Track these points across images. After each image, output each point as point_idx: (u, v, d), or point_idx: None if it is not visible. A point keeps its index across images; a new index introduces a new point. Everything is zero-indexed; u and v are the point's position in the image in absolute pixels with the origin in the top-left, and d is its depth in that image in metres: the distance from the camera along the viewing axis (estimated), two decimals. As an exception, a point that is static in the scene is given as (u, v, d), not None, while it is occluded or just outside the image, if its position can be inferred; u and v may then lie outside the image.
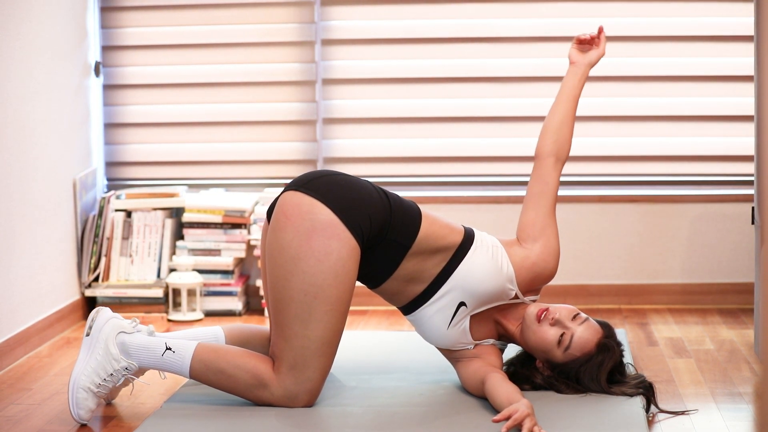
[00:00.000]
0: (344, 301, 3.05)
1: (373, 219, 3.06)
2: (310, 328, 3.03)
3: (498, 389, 3.04)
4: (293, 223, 3.01)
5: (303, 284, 3.01)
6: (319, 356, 3.05)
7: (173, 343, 3.13)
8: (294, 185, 3.08)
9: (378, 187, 3.16)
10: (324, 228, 3.00)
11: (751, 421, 3.12)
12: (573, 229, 4.75)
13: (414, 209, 3.17)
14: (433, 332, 3.23)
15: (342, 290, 3.03)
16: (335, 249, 3.00)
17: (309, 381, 3.08)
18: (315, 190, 3.04)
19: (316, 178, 3.09)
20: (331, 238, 3.00)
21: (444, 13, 4.76)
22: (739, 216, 4.69)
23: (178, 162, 4.92)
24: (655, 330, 4.29)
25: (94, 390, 3.10)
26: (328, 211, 3.01)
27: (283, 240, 3.02)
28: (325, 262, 3.00)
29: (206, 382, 3.14)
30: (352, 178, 3.15)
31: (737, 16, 4.66)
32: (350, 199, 3.05)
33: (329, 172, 3.16)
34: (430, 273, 3.17)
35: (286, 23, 4.82)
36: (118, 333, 3.12)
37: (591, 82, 4.74)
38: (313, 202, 3.02)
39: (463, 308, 3.18)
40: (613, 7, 4.71)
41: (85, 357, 3.12)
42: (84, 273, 4.60)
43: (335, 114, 4.84)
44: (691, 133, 4.74)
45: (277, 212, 3.06)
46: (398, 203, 3.15)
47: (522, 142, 4.78)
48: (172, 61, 4.87)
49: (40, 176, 4.24)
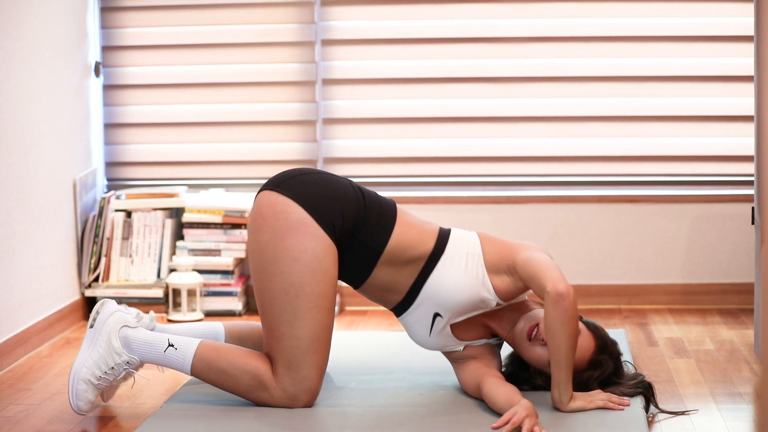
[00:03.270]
0: (326, 297, 3.05)
1: (346, 216, 3.06)
2: (296, 327, 3.04)
3: (496, 393, 3.04)
4: (269, 223, 3.04)
5: (282, 284, 3.03)
6: (311, 354, 3.06)
7: (176, 340, 3.14)
8: (269, 185, 3.10)
9: (356, 186, 3.16)
10: (297, 227, 3.02)
11: (751, 421, 3.12)
12: (573, 229, 4.75)
13: (390, 210, 3.14)
14: (419, 338, 3.24)
15: (322, 287, 3.04)
16: (309, 247, 3.02)
17: (306, 380, 3.08)
18: (289, 189, 3.06)
19: (291, 177, 3.11)
20: (305, 237, 3.02)
21: (444, 14, 4.76)
22: (739, 216, 4.69)
23: (178, 162, 4.92)
24: (655, 330, 4.29)
25: (94, 382, 3.11)
26: (300, 209, 3.03)
27: (261, 241, 3.05)
28: (300, 260, 3.01)
29: (207, 381, 3.15)
30: (328, 176, 3.15)
31: (737, 16, 4.66)
32: (323, 197, 3.06)
33: (305, 170, 3.16)
34: (403, 284, 3.16)
35: (286, 23, 4.82)
36: (121, 327, 3.13)
37: (591, 82, 4.75)
38: (287, 201, 3.04)
39: (439, 318, 3.17)
40: (613, 7, 4.71)
41: (87, 349, 3.13)
42: (84, 273, 4.60)
43: (335, 114, 4.84)
44: (691, 133, 4.74)
45: (254, 213, 3.09)
46: (374, 202, 3.14)
47: (522, 142, 4.78)
48: (172, 61, 4.87)
49: (40, 176, 4.24)
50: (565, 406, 3.03)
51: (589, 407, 3.05)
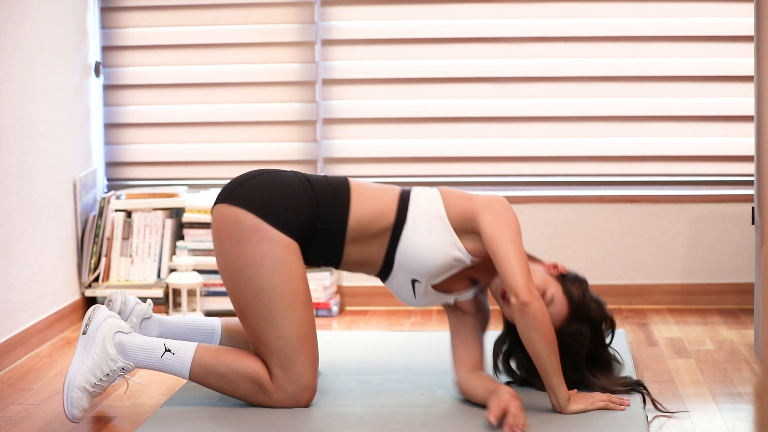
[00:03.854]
0: (299, 292, 3.08)
1: (297, 211, 3.08)
2: (279, 327, 3.07)
3: (474, 386, 3.11)
4: (225, 235, 3.08)
5: (253, 291, 3.06)
6: (300, 350, 3.08)
7: (172, 345, 3.13)
8: (219, 197, 3.13)
9: (303, 177, 3.16)
10: (252, 233, 3.05)
11: (751, 421, 3.12)
12: (573, 229, 4.75)
13: (342, 190, 3.14)
14: (408, 301, 3.26)
15: (292, 284, 3.07)
16: (269, 250, 3.04)
17: (302, 376, 3.09)
18: (237, 199, 3.08)
19: (238, 185, 3.13)
20: (262, 241, 3.05)
21: (444, 14, 4.76)
22: (739, 216, 4.69)
23: (178, 162, 4.92)
24: (655, 330, 4.29)
25: (89, 389, 3.09)
26: (251, 216, 3.06)
27: (223, 254, 3.09)
28: (263, 265, 3.04)
29: (206, 386, 3.15)
30: (273, 175, 3.16)
31: (737, 16, 4.66)
32: (271, 199, 3.08)
33: (250, 175, 3.17)
34: (377, 256, 3.17)
35: (286, 23, 4.82)
36: (115, 333, 3.12)
37: (591, 82, 4.75)
38: (237, 211, 3.07)
39: (417, 284, 3.19)
40: (613, 7, 4.71)
41: (81, 356, 3.11)
42: (84, 273, 4.60)
43: (335, 114, 4.84)
44: (691, 133, 4.74)
45: (212, 229, 3.14)
46: (324, 189, 3.13)
47: (522, 142, 4.78)
48: (172, 61, 4.87)
49: (40, 176, 4.24)
50: (565, 409, 3.04)
51: (590, 408, 3.06)
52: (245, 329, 3.14)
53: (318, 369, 3.19)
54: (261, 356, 3.12)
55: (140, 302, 3.34)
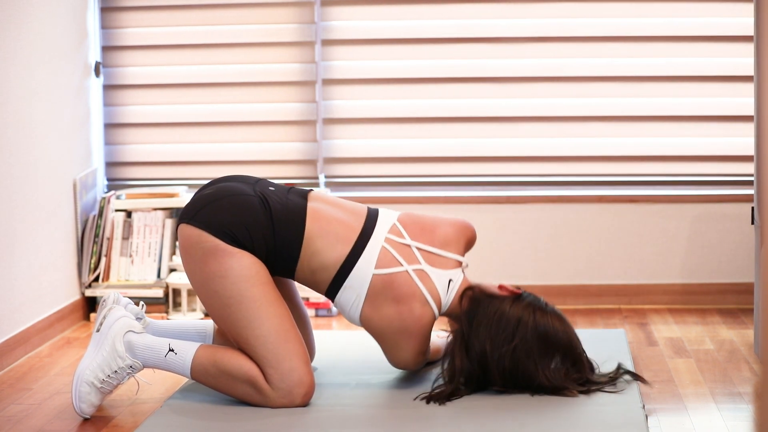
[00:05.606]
0: (267, 291, 3.18)
1: (254, 234, 3.18)
2: (256, 327, 3.15)
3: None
4: (189, 253, 3.21)
5: (222, 300, 3.16)
6: (283, 344, 3.14)
7: (176, 345, 3.23)
8: (184, 217, 3.23)
9: (263, 197, 3.25)
10: (214, 252, 3.17)
11: (751, 421, 3.12)
12: (572, 229, 4.75)
13: (297, 217, 3.24)
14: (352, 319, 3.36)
15: (259, 286, 3.17)
16: (233, 264, 3.16)
17: (293, 371, 3.13)
18: (200, 221, 3.19)
19: (202, 207, 3.22)
20: (224, 257, 3.16)
21: (444, 14, 4.76)
22: (739, 216, 4.69)
23: (178, 162, 4.92)
24: (655, 330, 4.29)
25: (97, 385, 3.18)
26: (212, 237, 3.17)
27: (189, 270, 3.22)
28: (228, 276, 3.16)
29: (206, 385, 3.23)
30: (233, 196, 3.24)
31: (737, 16, 4.66)
32: (230, 221, 3.19)
33: (213, 198, 3.24)
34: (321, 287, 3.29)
35: (286, 23, 4.82)
36: (126, 332, 3.23)
37: (591, 82, 4.75)
38: (200, 233, 3.18)
39: None
40: (613, 7, 4.71)
41: (92, 352, 3.22)
42: (84, 273, 4.60)
43: (335, 114, 4.84)
44: (691, 133, 4.74)
45: (179, 245, 3.28)
46: (281, 212, 3.23)
47: (522, 142, 4.78)
48: (172, 61, 4.88)
49: (40, 176, 4.24)
50: None
51: None
52: (229, 337, 3.24)
53: (311, 365, 3.25)
54: (250, 357, 3.19)
55: (131, 303, 3.39)
